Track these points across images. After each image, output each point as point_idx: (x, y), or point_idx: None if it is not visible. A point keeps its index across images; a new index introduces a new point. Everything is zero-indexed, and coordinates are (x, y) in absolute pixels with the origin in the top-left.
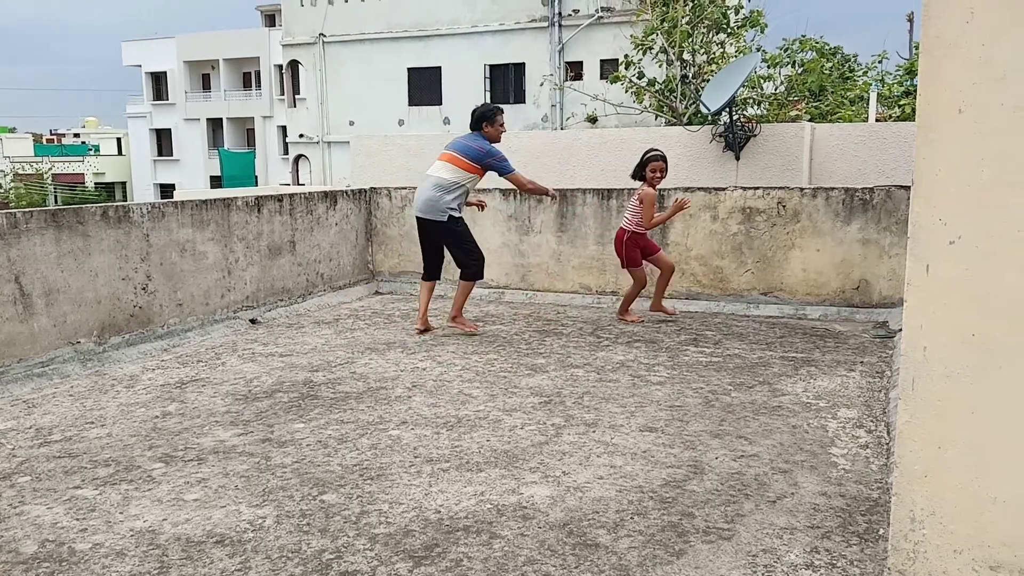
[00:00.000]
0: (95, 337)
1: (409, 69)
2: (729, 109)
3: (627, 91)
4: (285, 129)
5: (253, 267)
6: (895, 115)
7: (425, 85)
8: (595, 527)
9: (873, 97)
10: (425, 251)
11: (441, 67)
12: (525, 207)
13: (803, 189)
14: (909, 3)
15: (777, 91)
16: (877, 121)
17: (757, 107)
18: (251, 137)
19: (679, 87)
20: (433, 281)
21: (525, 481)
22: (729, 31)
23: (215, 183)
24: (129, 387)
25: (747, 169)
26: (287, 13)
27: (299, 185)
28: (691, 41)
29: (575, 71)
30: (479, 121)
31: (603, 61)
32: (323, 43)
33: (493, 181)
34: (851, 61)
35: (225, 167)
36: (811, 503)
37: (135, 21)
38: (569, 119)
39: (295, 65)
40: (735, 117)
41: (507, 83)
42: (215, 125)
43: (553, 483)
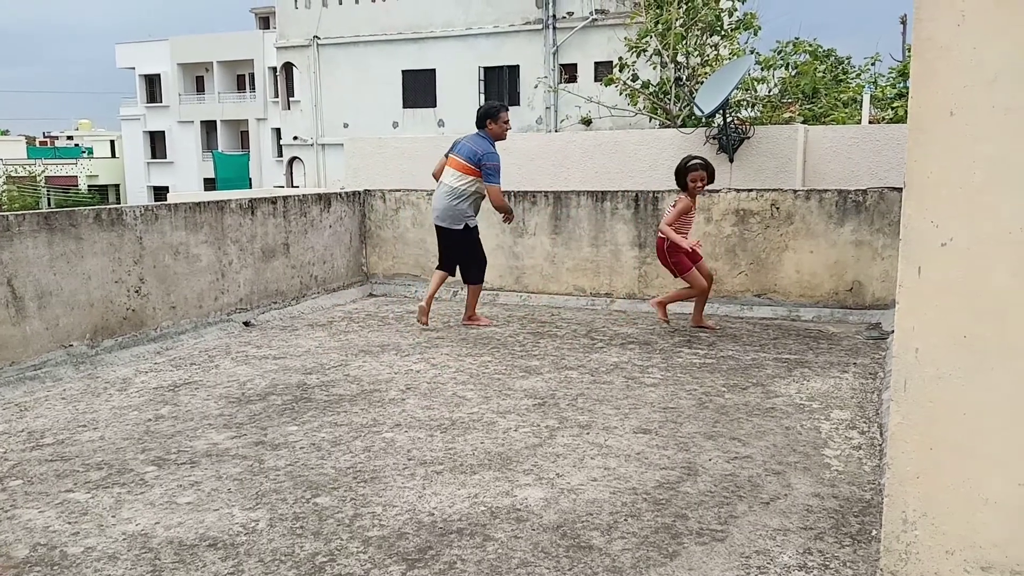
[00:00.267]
0: (88, 340)
1: (403, 71)
2: (723, 111)
3: (621, 93)
4: (279, 132)
5: (247, 269)
6: (888, 117)
7: (419, 87)
8: (589, 529)
9: (866, 99)
10: (442, 251)
11: (435, 69)
12: (520, 209)
13: (796, 191)
14: (902, 5)
15: (771, 93)
16: (870, 123)
17: (751, 109)
18: (245, 140)
19: (673, 89)
20: (445, 272)
21: (519, 483)
22: (723, 33)
23: (209, 185)
24: (122, 390)
25: (741, 171)
26: (281, 15)
27: (293, 188)
28: (685, 43)
29: (569, 73)
30: (483, 119)
31: (597, 63)
32: (317, 45)
33: None
34: (844, 63)
35: (219, 169)
36: (804, 504)
37: (129, 23)
38: (563, 121)
39: (289, 67)
40: (729, 119)
41: (501, 85)
42: (209, 127)
43: (547, 485)
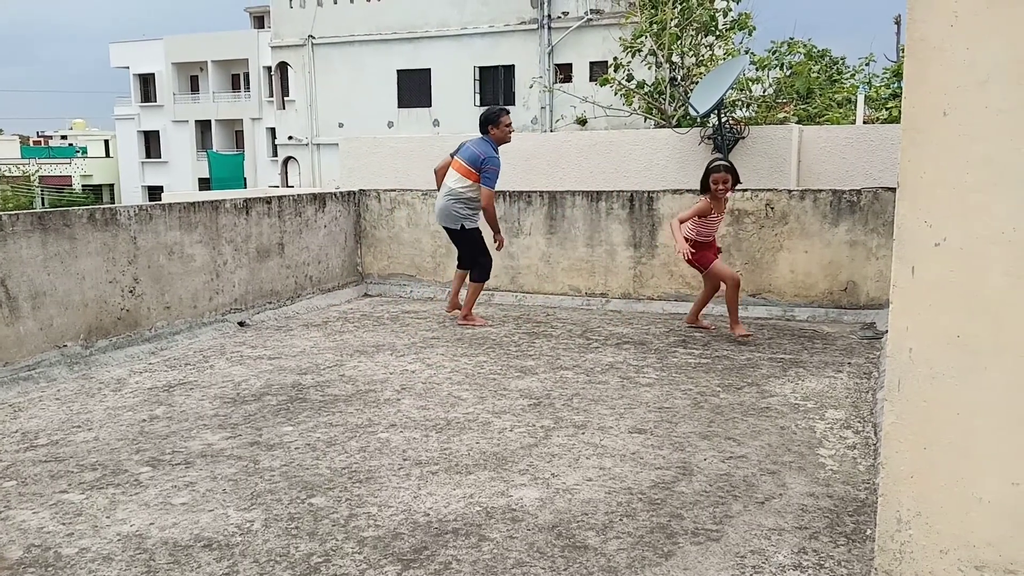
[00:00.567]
0: (82, 340)
1: (398, 71)
2: (718, 111)
3: (616, 93)
4: (274, 131)
5: (241, 269)
6: (882, 117)
7: (414, 87)
8: (584, 529)
9: (860, 99)
10: (457, 248)
11: (430, 69)
12: (515, 209)
13: (791, 191)
14: (897, 6)
15: (765, 93)
16: (864, 123)
17: (745, 109)
18: (240, 139)
19: (668, 89)
20: (466, 270)
21: (514, 483)
22: (718, 34)
23: (203, 185)
24: (116, 390)
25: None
26: (276, 15)
27: (288, 187)
28: (680, 43)
29: (564, 73)
30: (484, 124)
31: (592, 63)
32: (312, 45)
33: None
34: (839, 64)
35: (214, 169)
36: (799, 504)
37: (123, 23)
38: (559, 121)
39: (284, 67)
40: (724, 119)
41: (496, 85)
42: (203, 127)
43: (542, 485)
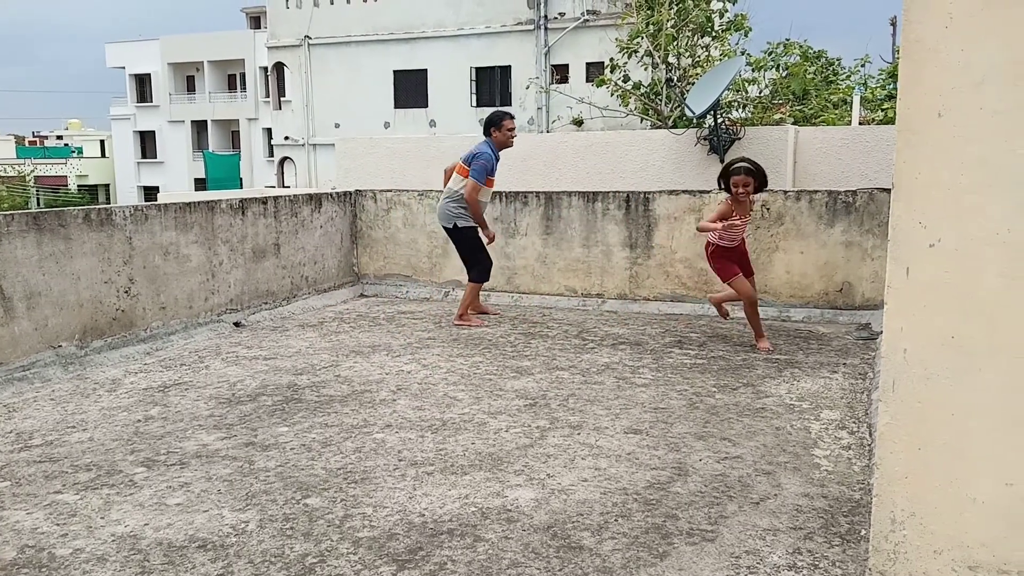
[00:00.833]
0: (77, 341)
1: (395, 71)
2: (714, 112)
3: (613, 94)
4: (270, 131)
5: (237, 270)
6: (878, 118)
7: (411, 88)
8: (579, 529)
9: (856, 100)
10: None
11: (427, 70)
12: (511, 210)
13: (787, 192)
14: (893, 7)
15: (761, 94)
16: (860, 124)
17: (741, 110)
18: (236, 139)
19: (664, 90)
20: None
21: (510, 484)
22: (714, 35)
23: (199, 185)
24: (111, 391)
25: None
26: (272, 15)
27: (284, 188)
28: (676, 44)
29: (561, 74)
30: (487, 127)
31: (589, 64)
32: (308, 45)
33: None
34: (835, 65)
35: (210, 169)
36: (794, 504)
37: (119, 23)
38: (555, 122)
39: (280, 67)
40: (720, 120)
41: (493, 86)
42: (200, 127)
43: (538, 486)
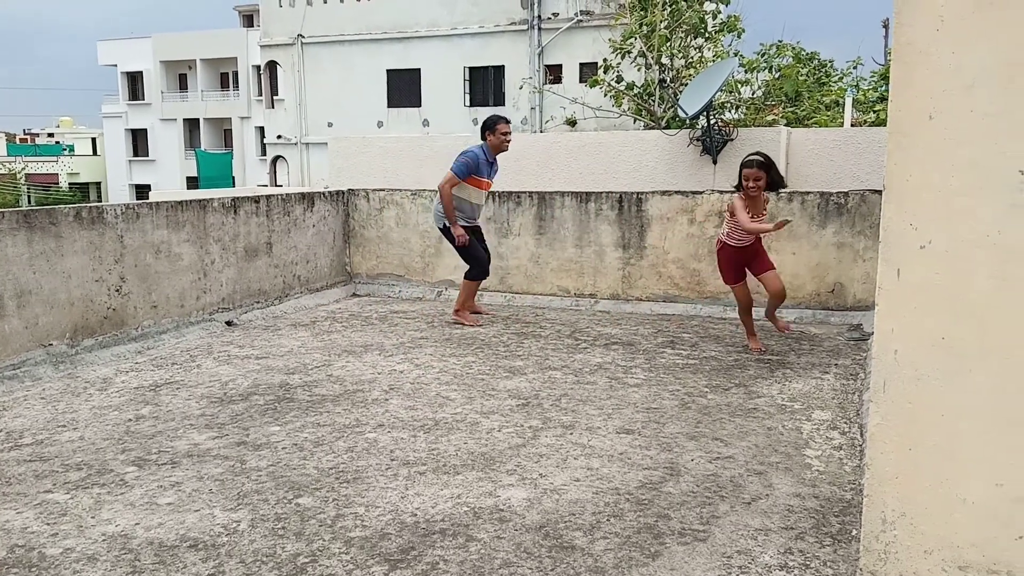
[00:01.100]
0: (67, 339)
1: (388, 71)
2: (707, 113)
3: (606, 95)
4: (263, 130)
5: (229, 269)
6: (870, 120)
7: (404, 87)
8: (571, 529)
9: (848, 102)
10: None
11: (420, 69)
12: (504, 210)
13: (779, 193)
14: (885, 9)
15: (754, 95)
16: (852, 126)
17: (734, 111)
18: (228, 138)
19: (657, 91)
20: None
21: (502, 484)
22: (707, 36)
23: (191, 184)
24: (102, 390)
25: (724, 172)
26: (265, 13)
27: (277, 187)
28: (669, 45)
29: (554, 74)
30: (482, 131)
31: (582, 64)
32: (302, 44)
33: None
34: (827, 66)
35: (202, 168)
36: (785, 504)
37: (111, 20)
38: (548, 122)
39: (273, 66)
40: (712, 121)
41: (486, 86)
42: (192, 125)
43: (530, 485)
